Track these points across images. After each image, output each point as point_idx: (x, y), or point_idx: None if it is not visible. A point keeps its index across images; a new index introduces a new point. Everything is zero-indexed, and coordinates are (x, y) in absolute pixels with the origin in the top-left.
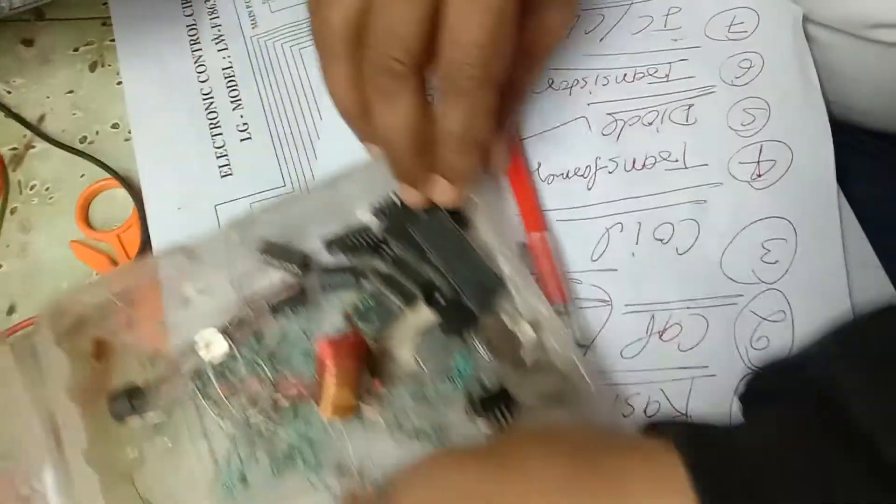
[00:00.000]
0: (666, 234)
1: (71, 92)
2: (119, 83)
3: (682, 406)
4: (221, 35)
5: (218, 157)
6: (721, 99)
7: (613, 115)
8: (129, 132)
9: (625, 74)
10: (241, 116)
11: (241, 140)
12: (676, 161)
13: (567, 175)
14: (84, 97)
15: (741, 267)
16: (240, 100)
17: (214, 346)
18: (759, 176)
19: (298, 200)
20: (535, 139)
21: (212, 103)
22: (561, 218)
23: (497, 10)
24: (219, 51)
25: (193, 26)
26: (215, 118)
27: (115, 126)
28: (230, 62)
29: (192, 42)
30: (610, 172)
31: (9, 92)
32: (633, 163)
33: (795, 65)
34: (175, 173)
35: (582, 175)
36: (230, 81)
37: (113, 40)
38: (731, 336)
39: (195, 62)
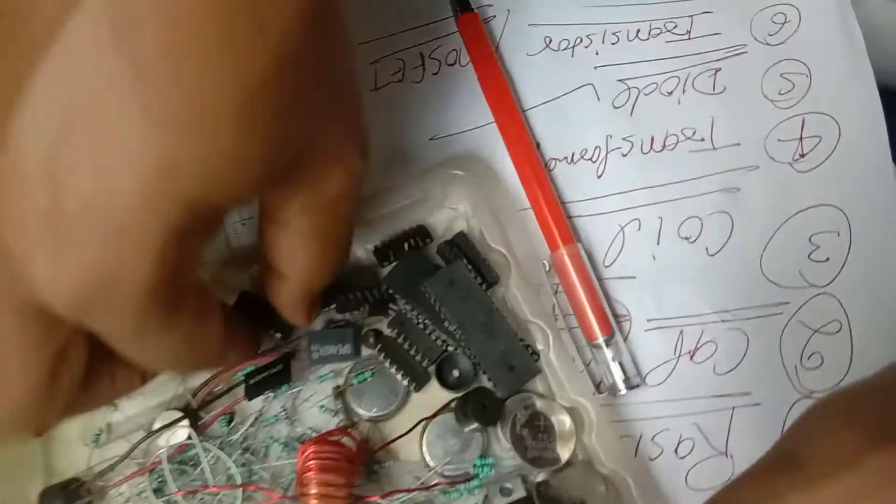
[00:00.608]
0: (693, 232)
1: None
2: None
3: (721, 444)
4: None
5: None
6: (754, 61)
7: (626, 81)
8: None
9: (637, 30)
10: None
11: None
12: (702, 140)
13: (572, 159)
14: None
15: (785, 268)
16: None
17: (173, 433)
18: (803, 156)
19: None
20: (532, 113)
21: None
22: (566, 214)
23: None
24: None
25: None
26: None
27: None
28: None
29: None
30: (624, 155)
31: None
32: (651, 142)
33: (836, 20)
34: None
35: (590, 159)
36: None
37: None
38: (777, 354)
39: None
